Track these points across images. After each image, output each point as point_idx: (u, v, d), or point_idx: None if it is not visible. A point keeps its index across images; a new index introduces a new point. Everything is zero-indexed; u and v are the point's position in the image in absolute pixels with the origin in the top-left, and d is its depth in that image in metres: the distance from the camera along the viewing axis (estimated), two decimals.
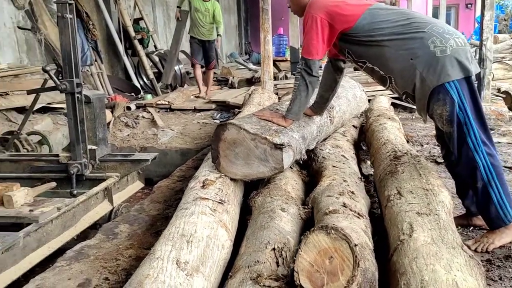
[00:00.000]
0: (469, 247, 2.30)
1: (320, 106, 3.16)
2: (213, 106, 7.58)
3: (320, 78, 3.00)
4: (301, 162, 3.03)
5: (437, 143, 4.51)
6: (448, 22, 18.81)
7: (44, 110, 6.25)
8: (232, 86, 9.89)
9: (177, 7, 7.98)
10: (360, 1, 2.73)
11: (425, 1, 18.86)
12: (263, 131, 2.64)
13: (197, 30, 7.81)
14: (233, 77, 10.32)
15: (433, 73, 2.37)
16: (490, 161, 2.38)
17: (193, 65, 8.11)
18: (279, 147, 2.57)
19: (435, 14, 18.28)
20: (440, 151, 2.69)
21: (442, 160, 4.29)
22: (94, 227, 3.52)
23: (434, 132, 5.33)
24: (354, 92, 4.28)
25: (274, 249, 1.97)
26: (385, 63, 2.55)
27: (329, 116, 3.44)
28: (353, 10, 2.62)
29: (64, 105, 5.96)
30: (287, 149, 2.62)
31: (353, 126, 4.47)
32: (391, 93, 4.09)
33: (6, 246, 2.60)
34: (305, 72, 2.71)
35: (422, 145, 4.90)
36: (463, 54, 2.40)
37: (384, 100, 5.33)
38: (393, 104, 6.10)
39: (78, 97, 3.61)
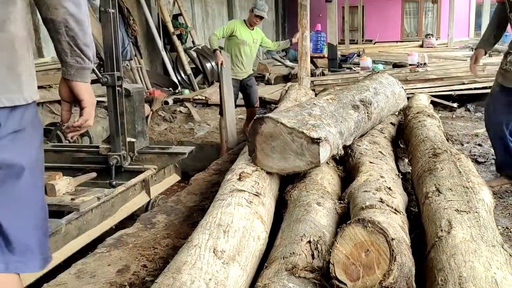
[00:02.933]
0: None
1: (491, 43, 3.54)
2: None
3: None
4: (337, 157, 3.01)
5: (477, 143, 4.39)
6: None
7: None
8: (268, 83, 9.91)
9: (214, 50, 5.63)
10: None
11: None
12: (300, 125, 2.64)
13: (237, 68, 5.97)
14: (269, 74, 10.34)
15: None
16: None
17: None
18: (316, 141, 2.57)
19: (478, 12, 17.82)
20: (479, 150, 2.82)
21: (483, 160, 4.22)
22: (131, 218, 3.60)
23: (475, 131, 5.23)
24: (393, 89, 4.22)
25: (309, 241, 1.97)
26: None
27: (367, 112, 3.42)
28: None
29: (104, 98, 6.11)
30: (324, 144, 2.61)
31: (391, 123, 4.42)
32: (431, 91, 4.13)
33: (49, 232, 2.69)
34: None
35: (462, 144, 4.80)
36: None
37: (423, 97, 5.24)
38: (432, 102, 5.99)
39: (118, 90, 3.69)
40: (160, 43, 9.27)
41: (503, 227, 2.87)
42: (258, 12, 5.72)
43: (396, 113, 4.66)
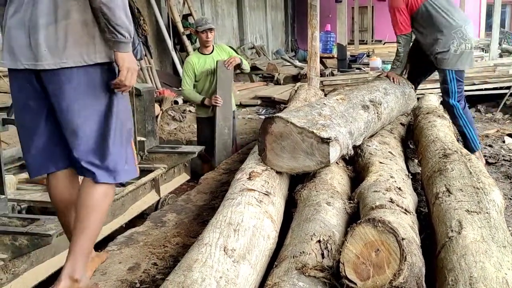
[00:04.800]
0: None
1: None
2: (259, 101, 7.64)
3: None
4: (347, 157, 3.02)
5: (488, 144, 4.39)
6: (503, 20, 18.15)
7: None
8: (277, 83, 9.92)
9: (202, 100, 4.79)
10: None
11: None
12: (310, 125, 2.65)
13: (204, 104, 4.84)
14: (278, 74, 10.35)
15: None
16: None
17: (205, 160, 5.07)
18: (326, 141, 2.57)
19: (489, 12, 17.69)
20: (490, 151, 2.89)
21: (493, 160, 4.19)
22: (141, 217, 3.62)
23: (485, 132, 5.22)
24: (403, 89, 4.21)
25: (319, 241, 1.98)
26: None
27: (377, 113, 3.41)
28: None
29: None
30: (334, 144, 2.61)
31: (401, 123, 4.41)
32: (441, 91, 4.32)
33: (60, 230, 2.71)
34: None
35: None
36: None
37: (433, 98, 5.22)
38: (442, 103, 5.96)
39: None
40: (170, 43, 9.30)
41: None
42: (203, 27, 4.70)
43: (406, 114, 4.65)
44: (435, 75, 7.49)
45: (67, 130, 1.87)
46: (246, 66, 4.97)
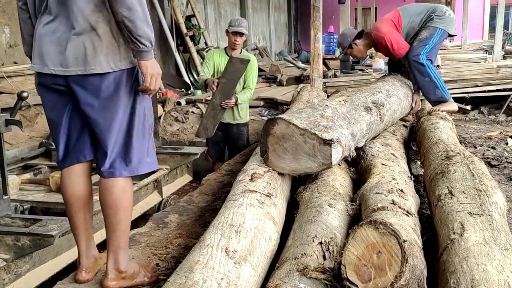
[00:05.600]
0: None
1: None
2: (261, 103, 7.63)
3: None
4: (349, 159, 3.01)
5: (491, 146, 4.41)
6: (506, 21, 18.08)
7: None
8: (280, 84, 9.91)
9: (205, 81, 4.62)
10: None
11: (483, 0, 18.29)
12: (312, 127, 2.65)
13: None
14: (281, 75, 10.33)
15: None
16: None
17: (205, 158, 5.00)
18: (328, 142, 2.57)
19: (493, 13, 17.66)
20: (493, 153, 2.92)
21: (496, 163, 4.18)
22: (144, 218, 3.62)
23: (488, 134, 5.23)
24: (405, 90, 4.21)
25: (321, 243, 1.98)
26: None
27: (379, 114, 3.41)
28: None
29: None
30: (336, 145, 2.61)
31: (404, 125, 4.40)
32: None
33: (63, 231, 2.72)
34: None
35: (475, 147, 4.77)
36: None
37: None
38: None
39: None
40: (173, 44, 9.32)
41: None
42: (233, 28, 4.53)
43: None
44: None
45: (97, 128, 2.02)
46: (242, 101, 4.74)
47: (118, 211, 2.06)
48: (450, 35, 4.65)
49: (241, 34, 4.58)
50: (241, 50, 4.78)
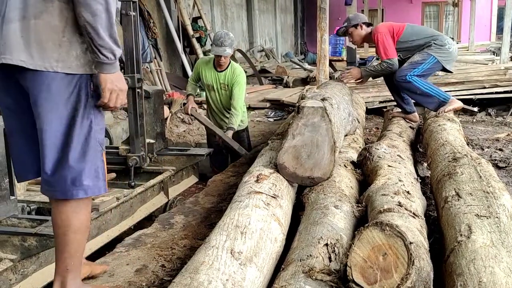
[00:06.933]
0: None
1: None
2: (268, 104, 7.63)
3: None
4: (356, 161, 3.00)
5: (498, 148, 4.41)
6: None
7: None
8: (286, 85, 9.91)
9: (187, 96, 5.04)
10: None
11: (490, 1, 18.19)
12: None
13: (213, 119, 4.98)
14: (288, 76, 10.34)
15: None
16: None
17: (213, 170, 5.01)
18: None
19: (500, 15, 17.57)
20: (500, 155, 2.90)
21: (504, 165, 4.16)
22: (150, 219, 3.62)
23: (496, 136, 5.20)
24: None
25: (326, 244, 1.97)
26: None
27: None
28: None
29: None
30: None
31: (410, 127, 4.39)
32: (451, 95, 4.54)
33: None
34: None
35: (482, 149, 4.74)
36: None
37: None
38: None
39: (138, 92, 3.72)
40: (179, 45, 9.34)
41: None
42: (215, 51, 4.49)
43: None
44: (445, 77, 7.46)
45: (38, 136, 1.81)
46: (237, 126, 4.70)
47: (67, 232, 1.84)
48: (444, 69, 4.45)
49: (221, 56, 4.51)
50: (230, 63, 4.72)
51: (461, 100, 6.98)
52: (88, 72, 1.81)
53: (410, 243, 1.59)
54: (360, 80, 4.65)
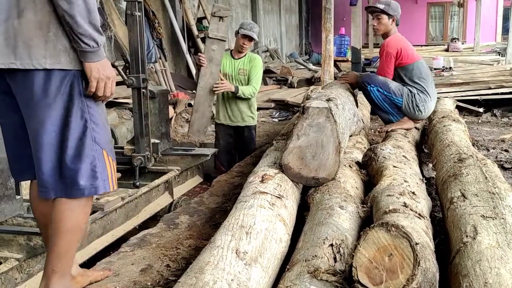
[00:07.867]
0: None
1: None
2: (272, 104, 7.64)
3: None
4: (361, 162, 3.00)
5: (504, 149, 4.37)
6: None
7: (110, 104, 6.51)
8: (291, 86, 9.92)
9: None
10: None
11: (496, 1, 18.12)
12: None
13: (223, 110, 4.80)
14: (292, 77, 10.34)
15: None
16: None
17: (215, 168, 5.01)
18: None
19: (506, 15, 17.51)
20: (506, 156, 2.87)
21: (510, 166, 4.14)
22: (154, 218, 3.63)
23: (501, 136, 5.19)
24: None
25: (332, 245, 1.97)
26: None
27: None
28: None
29: (128, 100, 6.19)
30: None
31: (415, 127, 4.38)
32: (457, 95, 4.34)
33: None
34: None
35: (488, 150, 4.73)
36: None
37: (448, 102, 5.17)
38: (458, 107, 5.91)
39: (143, 92, 3.73)
40: (184, 46, 9.34)
41: None
42: (244, 31, 4.50)
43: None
44: (450, 78, 7.44)
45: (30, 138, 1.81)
46: (244, 95, 4.60)
47: (57, 231, 1.81)
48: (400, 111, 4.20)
49: (251, 38, 4.56)
50: (247, 53, 4.75)
51: (467, 101, 7.00)
52: (78, 68, 1.77)
53: (416, 243, 1.59)
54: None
